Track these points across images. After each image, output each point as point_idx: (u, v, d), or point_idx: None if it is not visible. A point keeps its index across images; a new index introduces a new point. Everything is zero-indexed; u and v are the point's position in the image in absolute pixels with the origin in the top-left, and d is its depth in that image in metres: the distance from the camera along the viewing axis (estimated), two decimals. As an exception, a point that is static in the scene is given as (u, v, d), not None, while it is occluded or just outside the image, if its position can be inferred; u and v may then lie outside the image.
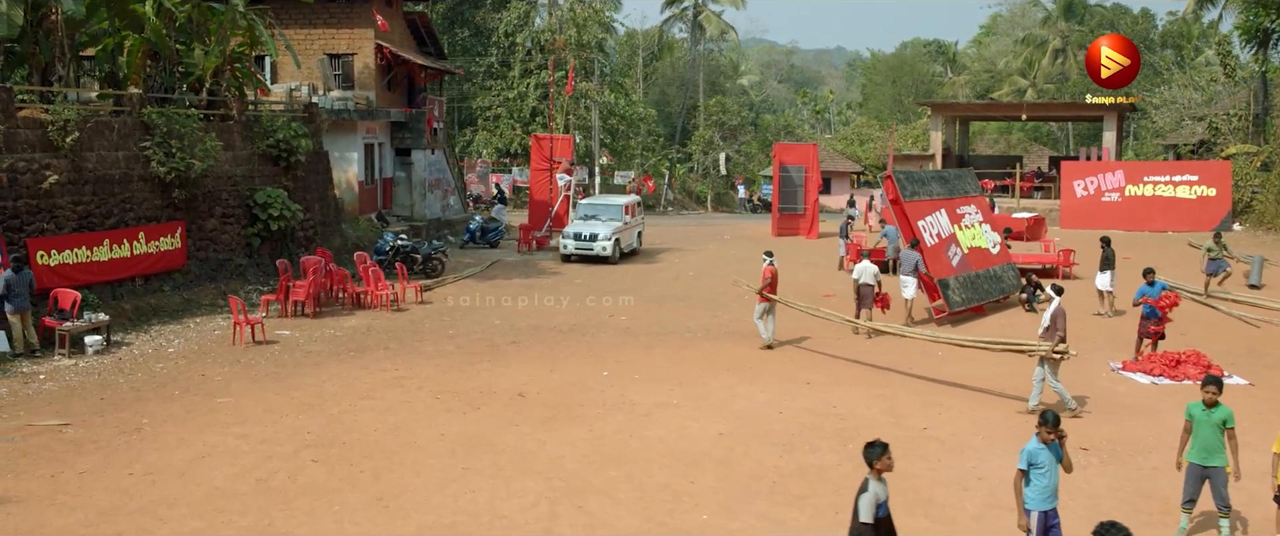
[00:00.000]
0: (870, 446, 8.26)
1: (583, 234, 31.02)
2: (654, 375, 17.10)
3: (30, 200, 18.76)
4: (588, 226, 31.32)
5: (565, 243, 31.12)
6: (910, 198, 22.38)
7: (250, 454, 12.76)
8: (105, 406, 14.93)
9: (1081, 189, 45.75)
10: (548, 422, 14.29)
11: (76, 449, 12.90)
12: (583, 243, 30.81)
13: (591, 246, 30.71)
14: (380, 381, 16.54)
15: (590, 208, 32.97)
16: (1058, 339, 14.43)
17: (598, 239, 30.73)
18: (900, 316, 21.44)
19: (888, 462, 8.25)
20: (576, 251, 30.82)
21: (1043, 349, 14.45)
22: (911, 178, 23.58)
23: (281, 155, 25.29)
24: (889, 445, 8.34)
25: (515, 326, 21.34)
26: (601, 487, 11.76)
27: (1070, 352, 14.43)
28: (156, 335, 19.72)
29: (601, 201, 33.78)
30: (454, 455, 12.82)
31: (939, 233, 22.43)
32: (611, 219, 31.95)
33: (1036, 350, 14.65)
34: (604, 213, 32.38)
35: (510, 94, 53.16)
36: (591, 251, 30.72)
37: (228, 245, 23.69)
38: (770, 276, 18.99)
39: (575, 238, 30.99)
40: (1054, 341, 14.41)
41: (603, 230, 30.98)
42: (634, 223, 33.75)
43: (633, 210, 33.79)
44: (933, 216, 22.57)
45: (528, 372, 17.15)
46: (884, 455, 8.20)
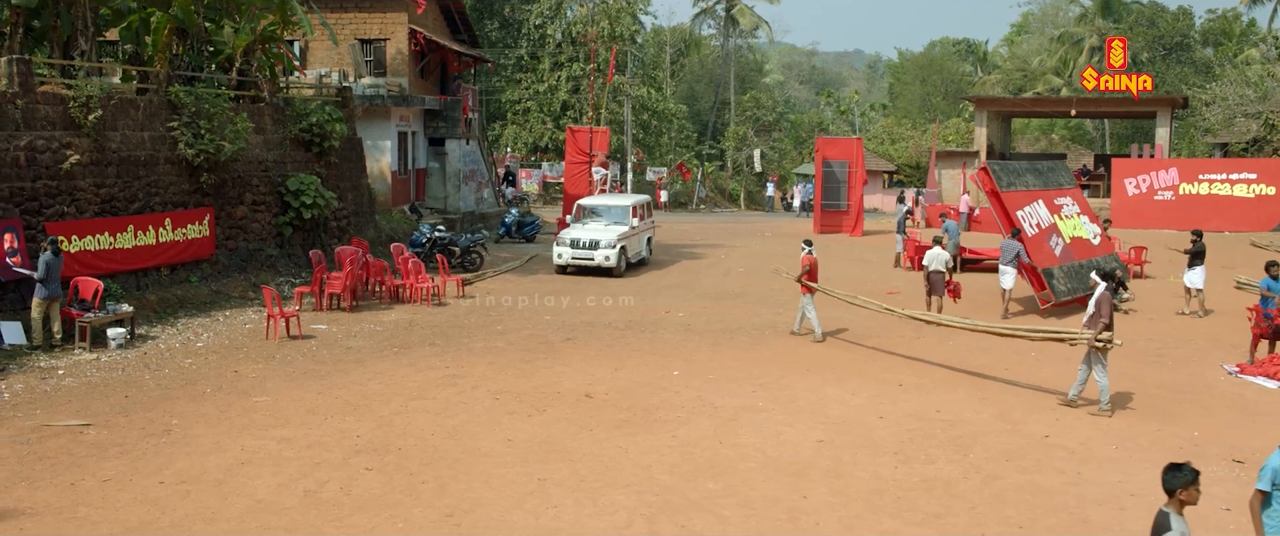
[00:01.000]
0: (1174, 470, 6.44)
1: (581, 240, 25.59)
2: (729, 375, 15.58)
3: (50, 181, 17.32)
4: (587, 231, 25.93)
5: (559, 251, 25.74)
6: (1007, 188, 21.64)
7: (295, 461, 11.25)
8: (130, 405, 13.46)
9: (1133, 187, 43.99)
10: (624, 427, 12.76)
11: (99, 453, 11.42)
12: (581, 251, 25.56)
13: (591, 255, 25.45)
14: (431, 380, 15.04)
15: (591, 208, 27.36)
16: (1102, 326, 13.42)
17: (599, 246, 25.46)
18: (995, 306, 20.86)
19: (1195, 493, 6.44)
20: (573, 262, 25.58)
21: (1086, 336, 13.53)
22: (1006, 168, 22.95)
23: (314, 141, 23.84)
24: (1199, 473, 6.56)
25: (567, 323, 19.81)
26: (701, 502, 10.21)
27: (1115, 341, 13.50)
28: (183, 328, 18.26)
29: (604, 201, 28.01)
30: (526, 463, 11.29)
31: (1038, 223, 21.61)
32: (616, 222, 26.54)
33: (1079, 338, 13.75)
34: (607, 214, 26.95)
35: (540, 87, 51.68)
36: (591, 261, 25.46)
37: (258, 234, 22.23)
38: (810, 265, 18.31)
39: (572, 245, 25.62)
40: (1098, 329, 13.43)
41: (605, 236, 25.66)
42: (642, 227, 28.04)
43: (642, 212, 28.20)
44: (1031, 207, 21.71)
45: (591, 372, 15.63)
46: (1193, 485, 6.42)
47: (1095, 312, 13.61)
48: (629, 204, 27.39)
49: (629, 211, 27.08)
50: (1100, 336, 13.38)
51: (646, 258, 28.49)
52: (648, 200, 30.02)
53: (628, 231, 26.46)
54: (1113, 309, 13.72)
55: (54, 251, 15.99)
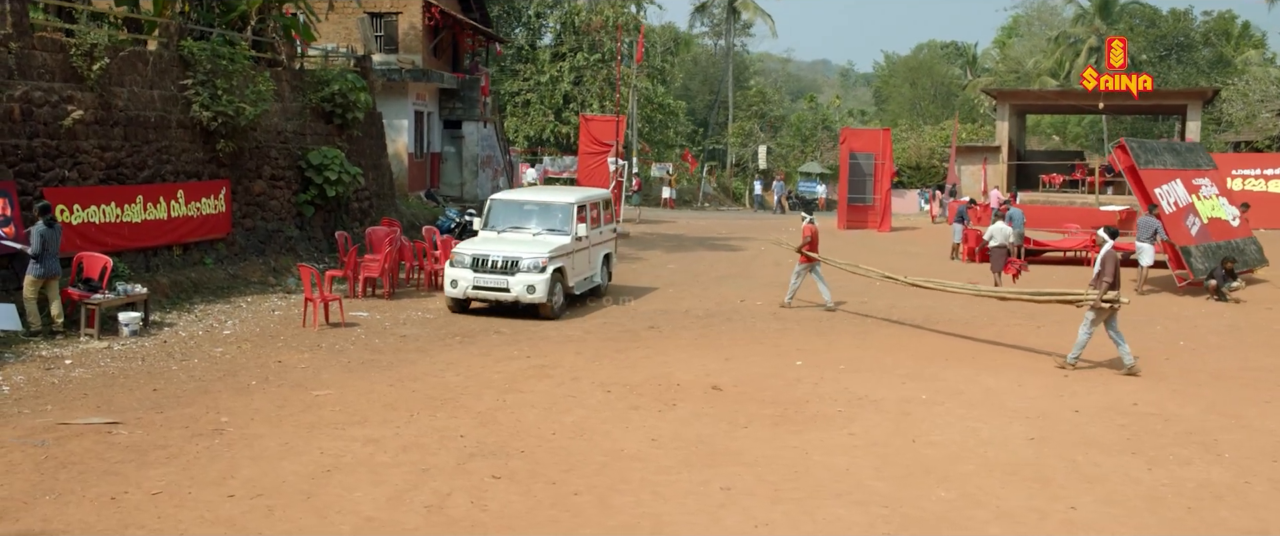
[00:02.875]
0: None
1: (490, 258, 16.14)
2: (861, 366, 13.27)
3: (48, 139, 14.67)
4: (502, 244, 16.57)
5: (454, 276, 16.28)
6: (1145, 166, 20.94)
7: (394, 467, 8.73)
8: (162, 400, 10.86)
9: (1163, 183, 42.14)
10: (784, 424, 10.37)
11: (138, 457, 8.84)
12: (488, 276, 16.07)
13: (504, 283, 16.00)
14: (517, 371, 12.57)
15: (510, 205, 17.85)
16: (1105, 286, 12.89)
17: (517, 270, 15.98)
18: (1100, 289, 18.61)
19: None
20: (476, 294, 16.27)
21: (1092, 297, 13.02)
22: (1145, 146, 22.12)
23: (336, 111, 21.27)
24: None
25: (639, 311, 17.39)
26: (946, 515, 7.85)
27: (1122, 300, 12.97)
28: (202, 315, 15.63)
29: (535, 197, 18.40)
30: (691, 468, 8.85)
31: (1176, 201, 20.81)
32: (550, 229, 17.12)
33: (1085, 299, 13.23)
34: (537, 216, 17.44)
35: (542, 78, 49.09)
36: (503, 294, 16.10)
37: (277, 213, 19.60)
38: (811, 235, 17.93)
39: (475, 266, 16.15)
40: (1102, 289, 12.90)
41: (530, 252, 16.14)
42: (596, 239, 18.24)
43: (596, 213, 18.37)
44: (1169, 185, 21.02)
45: (700, 363, 13.24)
46: None
47: (1100, 271, 13.04)
48: (574, 201, 17.42)
49: (571, 213, 17.17)
50: (1106, 296, 12.83)
51: (603, 285, 18.68)
52: (606, 197, 19.65)
53: (567, 245, 16.72)
54: (1117, 268, 13.06)
55: (48, 221, 13.34)
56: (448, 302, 16.59)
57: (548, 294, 16.05)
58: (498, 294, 16.10)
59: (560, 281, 16.53)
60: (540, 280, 15.94)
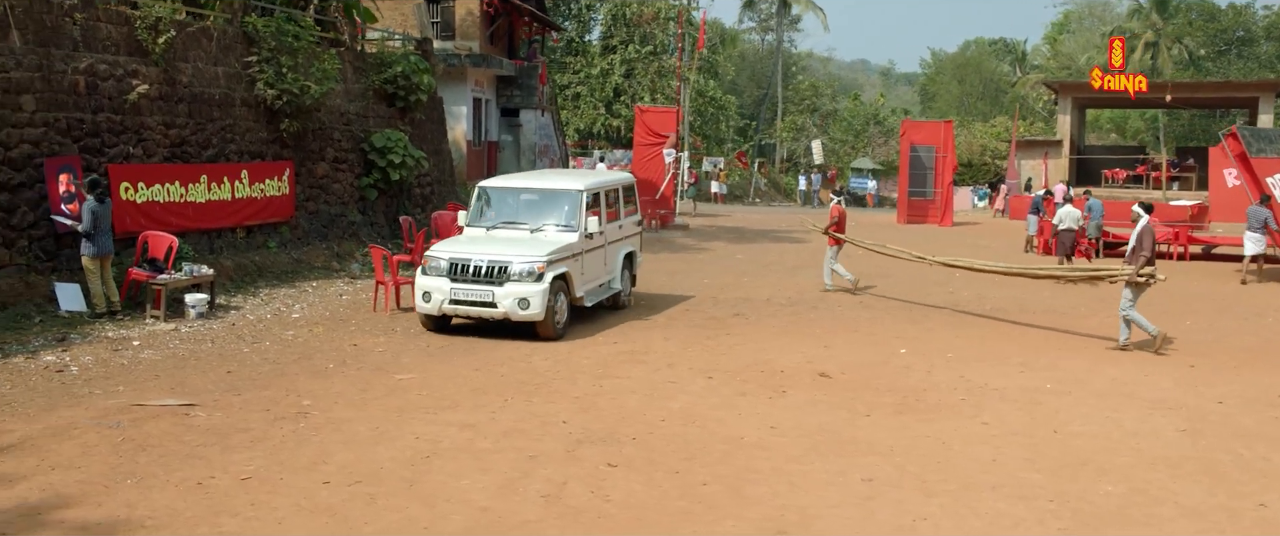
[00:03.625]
0: None
1: (469, 265, 12.68)
2: (968, 354, 12.46)
3: (113, 114, 14.11)
4: (488, 246, 13.10)
5: (427, 287, 12.78)
6: (1256, 154, 20.19)
7: (497, 454, 8.00)
8: (238, 382, 10.21)
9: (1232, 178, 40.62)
10: (908, 412, 9.56)
11: (220, 440, 8.16)
12: (469, 286, 12.62)
13: (489, 295, 12.50)
14: (608, 356, 11.84)
15: (505, 200, 14.32)
16: (1142, 261, 12.50)
17: (506, 278, 12.49)
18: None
19: None
20: (453, 309, 12.77)
21: (1126, 272, 12.65)
22: (1256, 134, 21.57)
23: (399, 94, 20.64)
24: None
25: (719, 299, 16.59)
26: (1122, 510, 7.07)
27: (1158, 277, 12.61)
28: (268, 298, 15.01)
29: (535, 183, 14.98)
30: (821, 456, 8.05)
31: None
32: (553, 225, 13.66)
33: (1119, 275, 12.90)
34: (536, 211, 13.97)
35: (592, 71, 48.39)
36: (488, 310, 12.61)
37: (340, 196, 18.99)
38: (837, 216, 17.66)
39: (453, 273, 12.69)
40: (1138, 264, 12.51)
41: (521, 257, 12.62)
42: (615, 235, 14.76)
43: (613, 204, 14.84)
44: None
45: (799, 349, 12.46)
46: None
47: (1136, 246, 12.65)
48: (583, 188, 13.86)
49: (579, 204, 13.68)
50: (1143, 271, 12.45)
51: (624, 293, 15.09)
52: (627, 182, 15.78)
53: (573, 245, 13.28)
54: (1154, 243, 12.74)
55: (98, 197, 12.71)
56: (420, 319, 13.16)
57: (545, 309, 12.31)
58: (481, 310, 12.50)
59: (563, 292, 12.79)
60: (535, 292, 12.22)
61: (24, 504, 6.74)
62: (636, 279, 16.10)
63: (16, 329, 11.89)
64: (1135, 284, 12.57)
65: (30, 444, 8.00)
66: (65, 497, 6.86)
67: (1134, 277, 12.52)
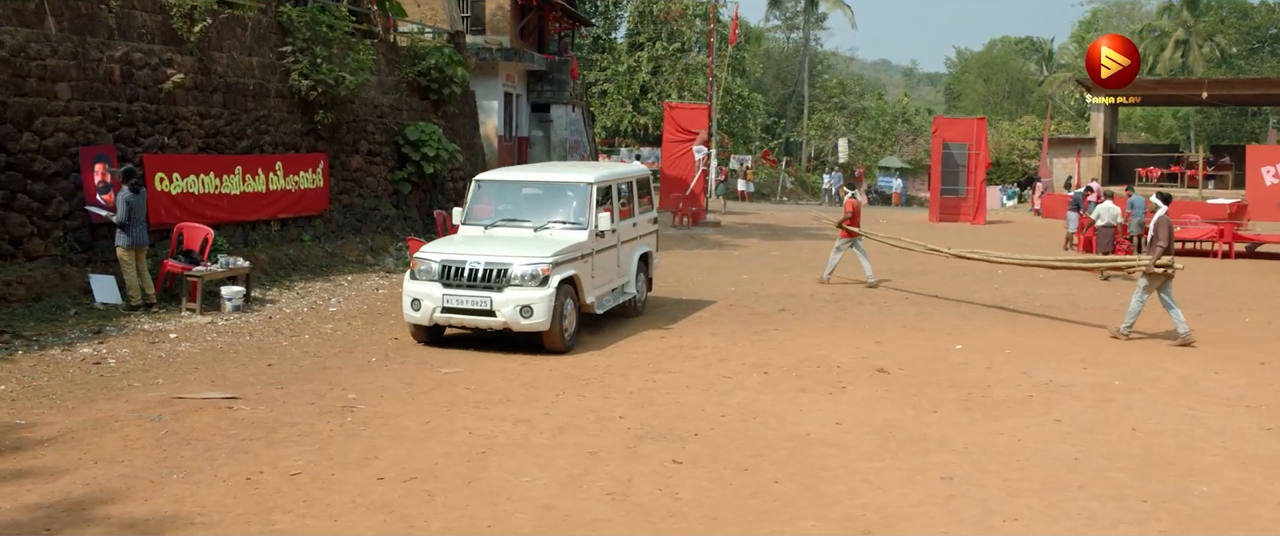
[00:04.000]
0: None
1: (464, 268, 11.10)
2: (1026, 350, 12.04)
3: (148, 104, 13.85)
4: (486, 246, 11.49)
5: (417, 293, 11.16)
6: None
7: (555, 448, 7.67)
8: (280, 375, 9.91)
9: (1271, 176, 39.87)
10: (975, 408, 9.17)
11: (266, 434, 7.86)
12: (464, 295, 11.00)
13: (486, 304, 10.92)
14: (657, 351, 11.50)
15: (504, 194, 12.75)
16: (1159, 251, 12.43)
17: (506, 282, 10.92)
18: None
19: None
20: (447, 318, 11.18)
21: (1144, 262, 12.66)
22: None
23: (432, 87, 20.34)
24: None
25: (761, 294, 16.22)
26: (1225, 512, 6.63)
27: (1176, 266, 12.57)
28: (303, 292, 14.74)
29: (538, 175, 13.24)
30: (893, 454, 7.68)
31: None
32: (559, 222, 12.09)
33: (1137, 265, 12.93)
34: (540, 207, 12.39)
35: (619, 68, 48.06)
36: (486, 320, 11.00)
37: (373, 190, 18.70)
38: (852, 210, 17.48)
39: (445, 277, 11.10)
40: (1155, 254, 12.46)
41: (523, 258, 11.06)
42: (628, 234, 13.28)
43: (625, 199, 13.17)
44: None
45: (851, 345, 12.07)
46: None
47: (1154, 237, 12.61)
48: (592, 181, 12.23)
49: (588, 198, 12.07)
50: (1160, 261, 12.37)
51: (639, 298, 13.55)
52: (642, 175, 14.27)
53: (583, 244, 11.76)
54: (1171, 233, 12.60)
55: (133, 187, 12.43)
56: (410, 330, 11.55)
57: (552, 317, 10.76)
58: (478, 319, 10.90)
59: (572, 297, 11.30)
60: (540, 298, 10.69)
61: (67, 498, 6.45)
62: (652, 283, 14.60)
63: (52, 320, 11.64)
64: (1152, 274, 12.45)
65: (71, 437, 7.71)
66: (110, 492, 6.56)
67: (1151, 268, 12.43)
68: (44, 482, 6.71)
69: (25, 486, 6.63)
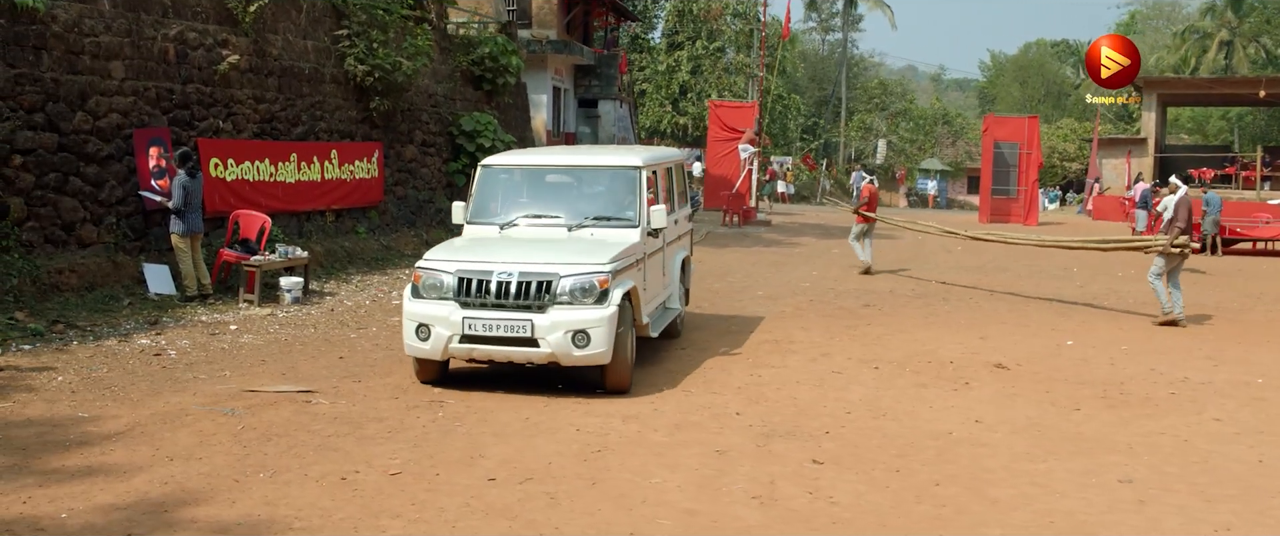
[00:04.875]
0: None
1: (489, 281, 8.04)
2: (1143, 346, 11.26)
3: (202, 86, 13.19)
4: (513, 254, 8.34)
5: (422, 319, 8.14)
6: None
7: (677, 447, 6.91)
8: (355, 369, 9.19)
9: (1329, 176, 38.87)
10: (1119, 407, 8.41)
11: (353, 431, 7.11)
12: (492, 318, 7.97)
13: (524, 329, 7.91)
14: (752, 346, 10.73)
15: (523, 183, 9.87)
16: (1176, 231, 12.51)
17: (550, 299, 7.95)
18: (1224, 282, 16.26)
19: None
20: (464, 352, 8.17)
21: (1161, 242, 12.66)
22: None
23: (486, 76, 19.67)
24: None
25: (838, 290, 15.41)
26: None
27: (1192, 245, 12.73)
28: (362, 285, 14.03)
29: (568, 159, 10.62)
30: (1053, 455, 6.87)
31: None
32: (609, 217, 9.20)
33: (1154, 246, 12.88)
34: (577, 200, 9.52)
35: (659, 67, 47.30)
36: (526, 351, 8.02)
37: (428, 181, 18.01)
38: (868, 195, 17.70)
39: (464, 291, 8.06)
40: (1173, 234, 12.53)
41: (572, 265, 8.12)
42: (673, 233, 10.46)
43: (671, 190, 10.47)
44: None
45: (954, 340, 11.31)
46: None
47: (1173, 217, 12.68)
48: (641, 164, 9.49)
49: (637, 185, 9.36)
50: (1177, 241, 12.42)
51: (679, 315, 10.83)
52: (678, 160, 11.42)
53: (637, 247, 8.95)
54: (1190, 214, 12.80)
55: (190, 171, 11.72)
56: (414, 367, 8.60)
57: (615, 345, 8.00)
58: (513, 351, 8.00)
59: (625, 322, 8.23)
60: (599, 319, 7.86)
61: (145, 499, 5.72)
62: (689, 295, 11.71)
63: (106, 311, 10.97)
64: (1169, 254, 12.51)
65: (140, 431, 7.00)
66: (192, 493, 5.83)
67: (1168, 247, 12.49)
68: (117, 481, 5.99)
69: (97, 485, 5.91)
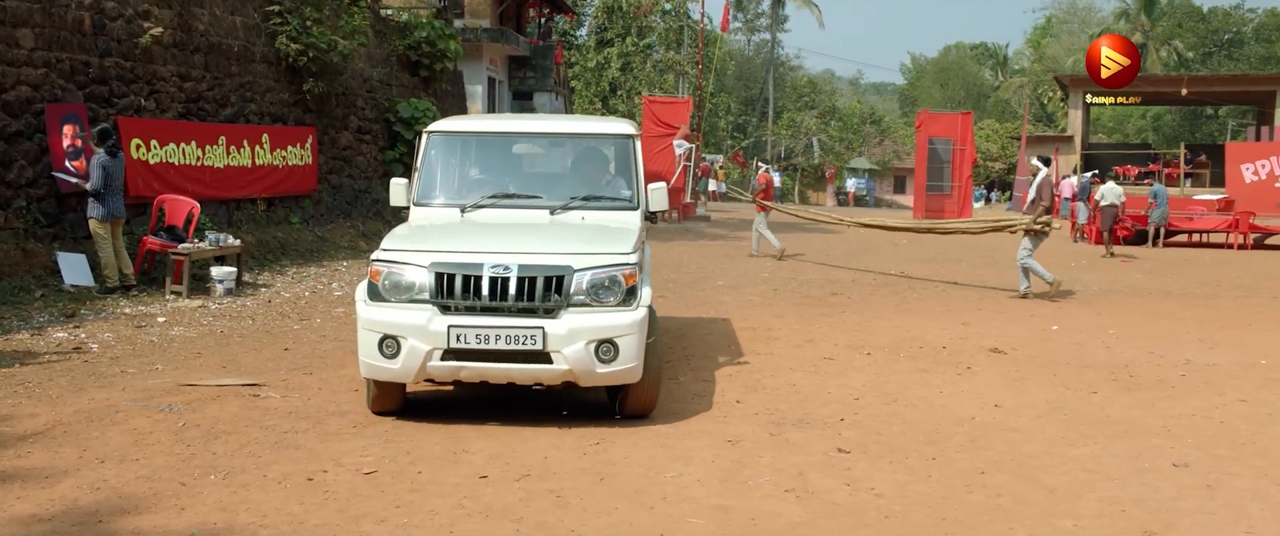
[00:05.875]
0: None
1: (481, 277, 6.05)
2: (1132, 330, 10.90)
3: (122, 60, 12.09)
4: (508, 244, 6.32)
5: (388, 328, 6.08)
6: None
7: (681, 437, 6.21)
8: (303, 360, 8.30)
9: (1250, 173, 39.59)
10: (1135, 390, 7.96)
11: (314, 426, 6.27)
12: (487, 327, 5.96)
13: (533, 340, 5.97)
14: (728, 333, 10.08)
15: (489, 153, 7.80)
16: (1041, 210, 13.02)
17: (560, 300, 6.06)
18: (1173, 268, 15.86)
19: None
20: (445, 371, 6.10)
21: (1024, 221, 13.19)
22: None
23: (423, 62, 18.74)
24: None
25: (800, 279, 14.89)
26: None
27: (1053, 224, 13.19)
28: (299, 277, 13.06)
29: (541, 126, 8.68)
30: (1093, 439, 6.32)
31: None
32: (604, 197, 7.28)
33: (1018, 225, 13.47)
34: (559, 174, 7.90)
35: (588, 65, 46.55)
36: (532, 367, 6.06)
37: (364, 170, 17.03)
38: (765, 183, 18.49)
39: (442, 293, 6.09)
40: (1037, 213, 13.03)
41: (586, 255, 6.21)
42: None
43: None
44: None
45: (939, 325, 10.83)
46: None
47: (1037, 197, 13.14)
48: (634, 131, 7.64)
49: (631, 157, 7.39)
50: (1040, 219, 12.90)
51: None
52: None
53: (640, 236, 6.93)
54: (1053, 194, 13.36)
55: (110, 150, 10.64)
56: (368, 395, 6.51)
57: (644, 358, 6.26)
58: (515, 368, 6.13)
59: (647, 335, 6.32)
60: (627, 324, 6.14)
61: (75, 507, 4.81)
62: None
63: (15, 303, 9.87)
64: (1033, 232, 12.92)
65: (63, 431, 6.05)
66: (130, 499, 4.93)
67: (1032, 226, 12.87)
68: (38, 487, 5.06)
69: (13, 493, 4.98)
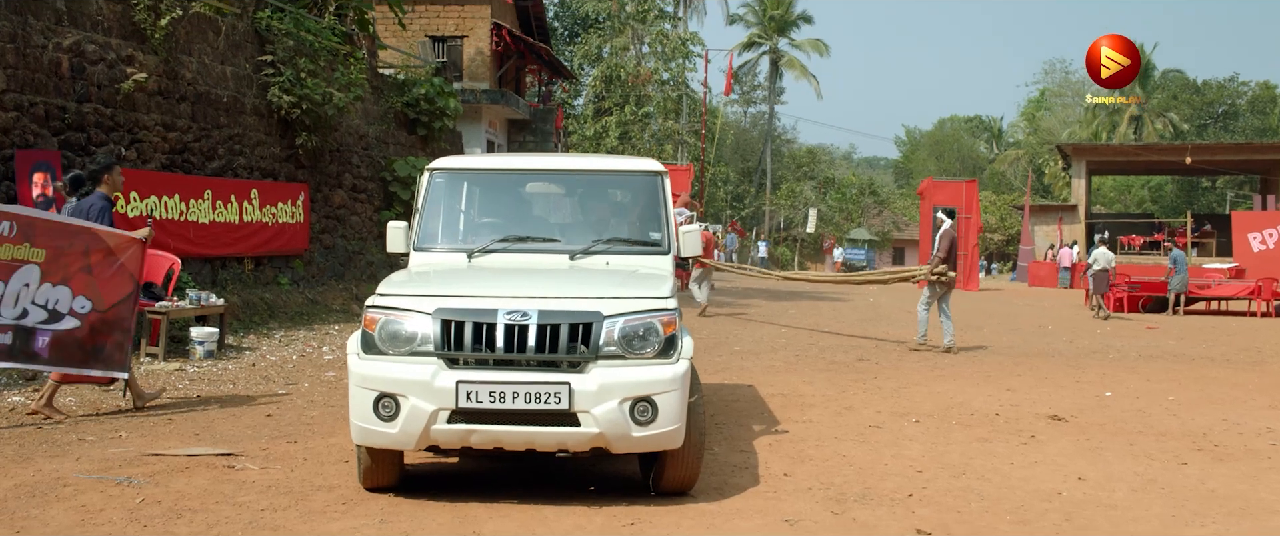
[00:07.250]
0: None
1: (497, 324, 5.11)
2: (1189, 397, 10.00)
3: (102, 106, 11.31)
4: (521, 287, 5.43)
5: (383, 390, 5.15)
6: None
7: (732, 515, 5.29)
8: (287, 428, 7.38)
9: (1258, 242, 38.78)
10: (1225, 460, 7.07)
11: (296, 502, 5.35)
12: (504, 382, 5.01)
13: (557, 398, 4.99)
14: (757, 400, 9.16)
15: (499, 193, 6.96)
16: (937, 261, 13.47)
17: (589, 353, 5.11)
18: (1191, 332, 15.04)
19: None
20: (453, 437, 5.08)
21: (922, 273, 13.73)
22: None
23: (421, 119, 18.03)
24: None
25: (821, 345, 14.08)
26: None
27: (950, 274, 13.50)
28: (287, 340, 12.15)
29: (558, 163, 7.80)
30: (1206, 517, 5.49)
31: None
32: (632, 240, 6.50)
33: (918, 275, 14.02)
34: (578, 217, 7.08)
35: (585, 133, 46.13)
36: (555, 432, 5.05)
37: (358, 231, 16.20)
38: (706, 241, 18.00)
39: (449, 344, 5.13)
40: (933, 263, 13.51)
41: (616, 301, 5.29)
42: None
43: None
44: None
45: (983, 392, 9.92)
46: None
47: (937, 249, 13.56)
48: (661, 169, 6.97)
49: (660, 196, 6.68)
50: (936, 269, 13.31)
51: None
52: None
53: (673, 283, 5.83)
54: (954, 246, 13.63)
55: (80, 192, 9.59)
56: (359, 465, 5.56)
57: (688, 420, 5.33)
58: (536, 432, 5.11)
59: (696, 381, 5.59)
60: (668, 379, 5.16)
61: (-4, 604, 3.86)
62: None
63: (-28, 365, 8.92)
64: (932, 283, 13.36)
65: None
66: (66, 592, 3.98)
67: (929, 276, 13.36)
68: (-44, 578, 4.12)
69: (-76, 584, 4.03)
